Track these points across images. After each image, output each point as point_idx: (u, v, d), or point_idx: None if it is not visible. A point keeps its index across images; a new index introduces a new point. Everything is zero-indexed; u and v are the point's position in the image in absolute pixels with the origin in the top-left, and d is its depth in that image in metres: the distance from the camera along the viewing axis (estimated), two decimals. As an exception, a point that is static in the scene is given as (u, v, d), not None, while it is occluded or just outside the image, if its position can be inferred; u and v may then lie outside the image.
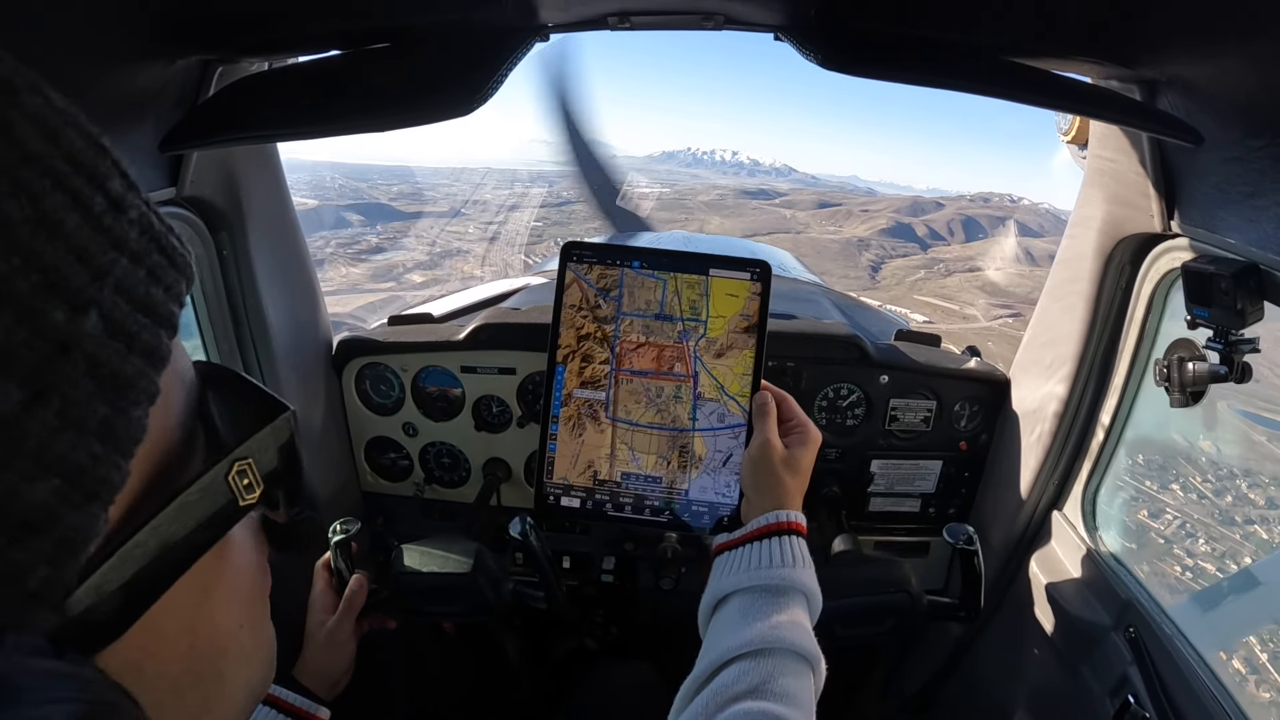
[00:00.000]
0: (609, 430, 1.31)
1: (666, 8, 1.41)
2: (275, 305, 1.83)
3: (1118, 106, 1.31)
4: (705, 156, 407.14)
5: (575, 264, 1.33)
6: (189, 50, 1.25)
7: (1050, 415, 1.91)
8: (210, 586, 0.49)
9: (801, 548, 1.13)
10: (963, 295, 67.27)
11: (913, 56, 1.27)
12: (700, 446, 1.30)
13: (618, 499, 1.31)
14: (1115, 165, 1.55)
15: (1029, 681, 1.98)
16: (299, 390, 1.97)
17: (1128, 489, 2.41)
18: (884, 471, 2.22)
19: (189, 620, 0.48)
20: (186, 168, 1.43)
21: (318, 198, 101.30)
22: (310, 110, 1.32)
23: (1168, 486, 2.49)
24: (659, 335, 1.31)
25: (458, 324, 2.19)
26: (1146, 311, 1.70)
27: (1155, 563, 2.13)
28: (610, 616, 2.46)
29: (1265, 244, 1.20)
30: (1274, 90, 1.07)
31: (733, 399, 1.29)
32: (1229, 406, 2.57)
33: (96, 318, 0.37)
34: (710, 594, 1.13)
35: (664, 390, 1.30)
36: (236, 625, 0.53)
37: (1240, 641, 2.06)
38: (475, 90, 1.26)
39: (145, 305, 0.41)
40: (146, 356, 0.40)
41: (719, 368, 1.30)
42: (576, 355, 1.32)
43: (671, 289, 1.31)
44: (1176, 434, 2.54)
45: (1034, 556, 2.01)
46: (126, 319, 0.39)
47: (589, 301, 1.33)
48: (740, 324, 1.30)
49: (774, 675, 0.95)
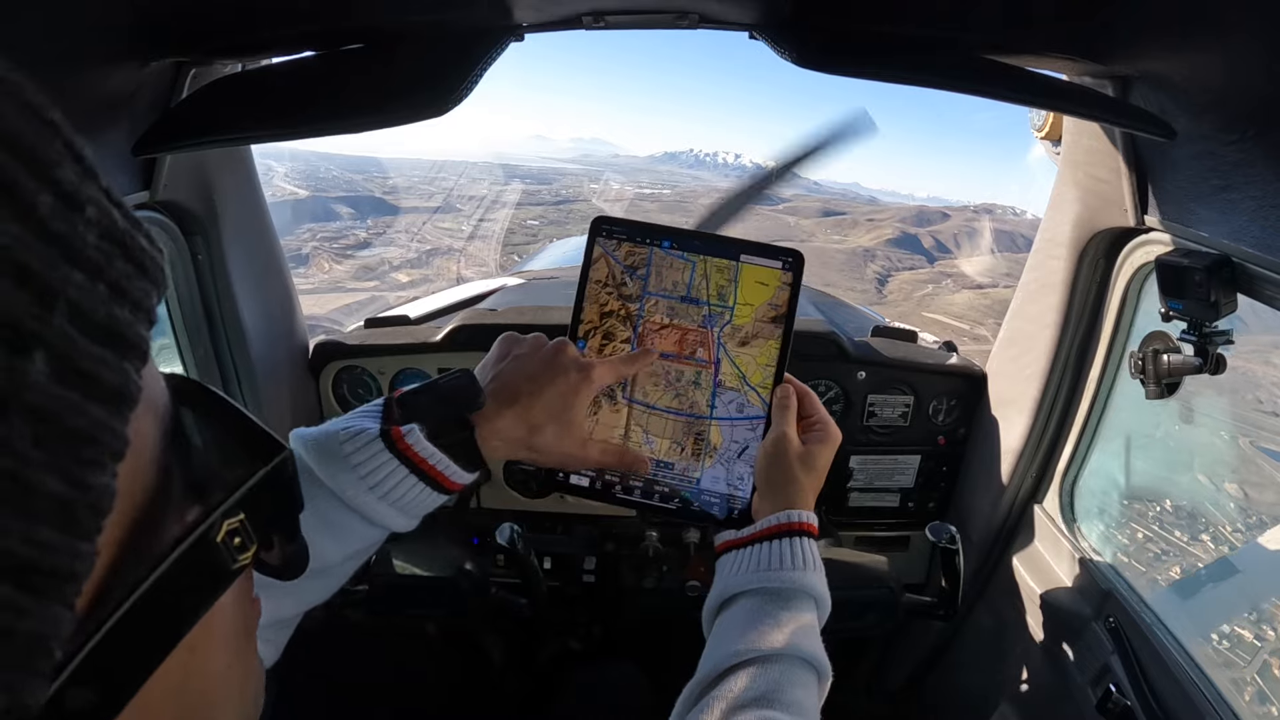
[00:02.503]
0: (624, 410, 1.26)
1: (640, 7, 1.41)
2: (251, 309, 1.81)
3: (1091, 102, 1.32)
4: (708, 158, 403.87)
5: (604, 239, 1.29)
6: (162, 52, 1.23)
7: (1027, 409, 1.93)
8: (197, 644, 0.41)
9: (813, 549, 1.09)
10: (972, 314, 66.82)
11: (888, 54, 1.27)
12: (716, 436, 1.26)
13: (627, 481, 1.26)
14: (1089, 160, 1.56)
15: (1012, 673, 2.00)
16: (275, 394, 1.95)
17: (1158, 542, 2.43)
18: (863, 467, 2.23)
19: (176, 682, 0.40)
20: (160, 171, 1.41)
21: (310, 188, 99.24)
22: (285, 112, 1.30)
23: (1198, 538, 2.50)
24: (683, 318, 1.27)
25: (435, 325, 2.18)
26: (1121, 305, 1.71)
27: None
28: (593, 617, 2.46)
29: (1238, 237, 1.22)
30: (1245, 85, 1.08)
31: (754, 389, 1.26)
32: (1251, 444, 2.59)
33: (42, 360, 0.27)
34: (716, 593, 1.10)
35: (684, 375, 1.26)
36: (225, 666, 0.45)
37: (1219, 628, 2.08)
38: (450, 91, 1.25)
39: (107, 333, 0.32)
40: (110, 401, 0.31)
41: (742, 356, 1.26)
42: (598, 332, 1.27)
43: (700, 272, 1.27)
44: (1203, 476, 2.55)
45: (1014, 549, 2.03)
46: (82, 357, 0.30)
47: (615, 278, 1.28)
48: (768, 313, 1.26)
49: (782, 684, 0.93)
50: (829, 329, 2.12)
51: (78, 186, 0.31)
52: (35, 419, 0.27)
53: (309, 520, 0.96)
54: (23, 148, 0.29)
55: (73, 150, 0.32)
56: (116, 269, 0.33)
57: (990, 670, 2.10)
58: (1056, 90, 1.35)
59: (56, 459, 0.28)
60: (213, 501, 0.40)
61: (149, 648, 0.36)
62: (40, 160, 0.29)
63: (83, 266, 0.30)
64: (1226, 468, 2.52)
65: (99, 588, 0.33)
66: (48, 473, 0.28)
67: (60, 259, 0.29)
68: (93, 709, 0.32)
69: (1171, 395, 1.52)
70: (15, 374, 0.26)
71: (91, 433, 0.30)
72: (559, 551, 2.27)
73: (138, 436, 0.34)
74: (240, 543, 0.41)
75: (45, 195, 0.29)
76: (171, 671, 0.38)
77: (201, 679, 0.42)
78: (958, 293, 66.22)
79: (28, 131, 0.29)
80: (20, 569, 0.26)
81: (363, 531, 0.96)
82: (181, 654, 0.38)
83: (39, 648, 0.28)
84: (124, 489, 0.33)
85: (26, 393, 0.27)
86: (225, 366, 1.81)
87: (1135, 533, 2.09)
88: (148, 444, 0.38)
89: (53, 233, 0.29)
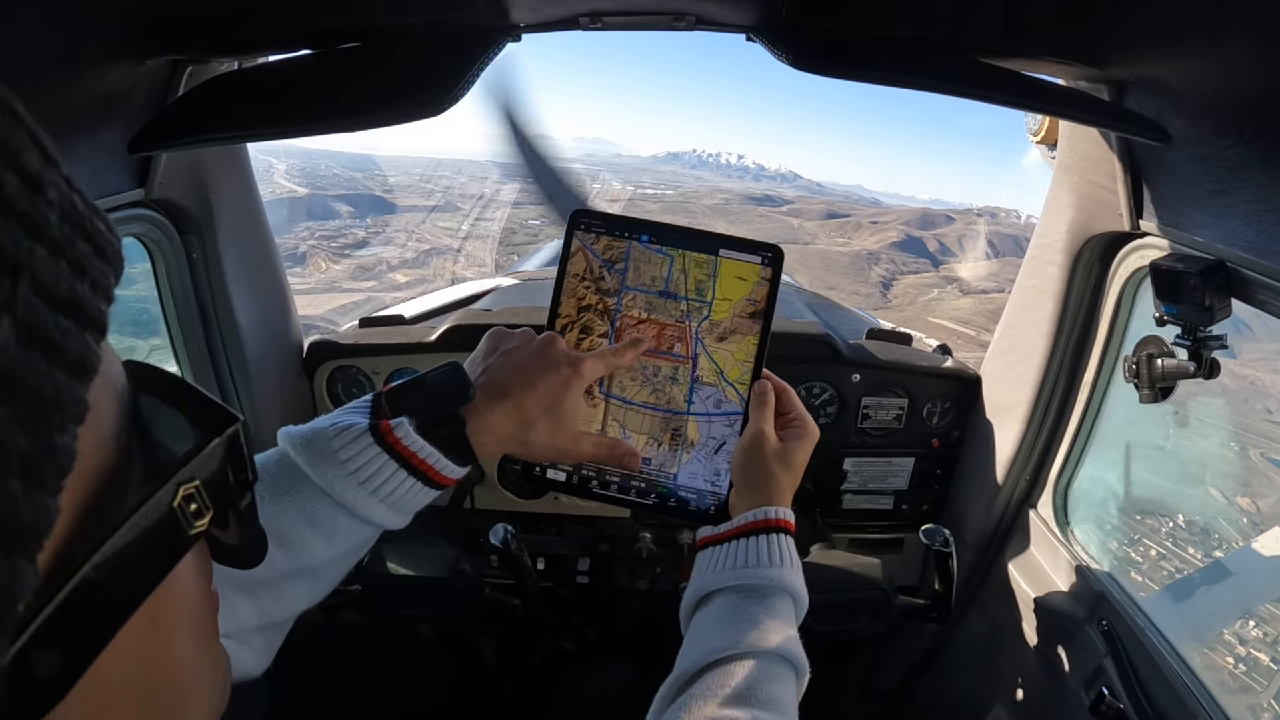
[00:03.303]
0: (601, 405, 1.25)
1: (637, 8, 1.41)
2: (245, 308, 1.81)
3: (1087, 106, 1.33)
4: (710, 159, 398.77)
5: (582, 233, 1.27)
6: (158, 50, 1.23)
7: (1021, 412, 1.93)
8: (158, 618, 0.42)
9: (789, 547, 1.09)
10: (978, 319, 66.25)
11: (884, 57, 1.28)
12: (693, 431, 1.25)
13: (604, 477, 1.25)
14: (1084, 165, 1.57)
15: (1005, 675, 2.00)
16: (269, 394, 1.95)
17: (1153, 546, 2.42)
18: (857, 469, 2.23)
19: (139, 659, 0.41)
20: (155, 169, 1.41)
21: (309, 185, 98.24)
22: (280, 111, 1.30)
23: (1195, 545, 2.49)
24: (661, 313, 1.26)
25: (429, 325, 2.18)
26: (1115, 309, 1.72)
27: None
28: (587, 618, 2.45)
29: (1233, 241, 1.22)
30: (1240, 90, 1.08)
31: (731, 385, 1.25)
32: (1262, 456, 2.58)
33: (8, 325, 0.29)
34: (693, 590, 1.10)
35: (661, 370, 1.25)
36: (191, 652, 0.46)
37: (1212, 631, 2.08)
38: (446, 91, 1.25)
39: (69, 305, 0.33)
40: (72, 369, 0.33)
41: (720, 352, 1.25)
42: (575, 326, 1.26)
43: (679, 266, 1.26)
44: (1210, 486, 2.54)
45: (1008, 552, 2.03)
46: (46, 324, 0.31)
47: (593, 272, 1.27)
48: (746, 309, 1.25)
49: (759, 681, 0.92)
50: (823, 331, 2.13)
51: (40, 171, 0.33)
52: (2, 380, 0.28)
53: (297, 518, 0.95)
54: None
55: (35, 139, 0.33)
56: (77, 249, 0.35)
57: (984, 672, 2.10)
58: (1052, 94, 1.36)
59: (22, 417, 0.29)
60: (169, 469, 0.41)
61: (109, 610, 0.37)
62: (5, 146, 0.31)
63: (45, 243, 0.32)
64: (1231, 477, 2.52)
65: (60, 551, 0.34)
66: (14, 429, 0.29)
67: (23, 234, 0.31)
68: (54, 674, 0.33)
69: (1166, 399, 1.53)
70: None
71: (55, 396, 0.31)
72: (553, 552, 2.27)
73: (96, 408, 0.36)
74: (196, 509, 0.42)
75: (10, 176, 0.31)
76: (133, 648, 0.39)
77: (168, 666, 0.43)
78: (963, 297, 65.58)
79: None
80: None
81: (351, 529, 0.95)
82: (142, 627, 0.39)
83: (4, 602, 0.28)
84: (84, 456, 0.34)
85: None
86: (219, 365, 1.81)
87: (1130, 537, 2.09)
88: (106, 419, 0.39)
89: (17, 210, 0.31)
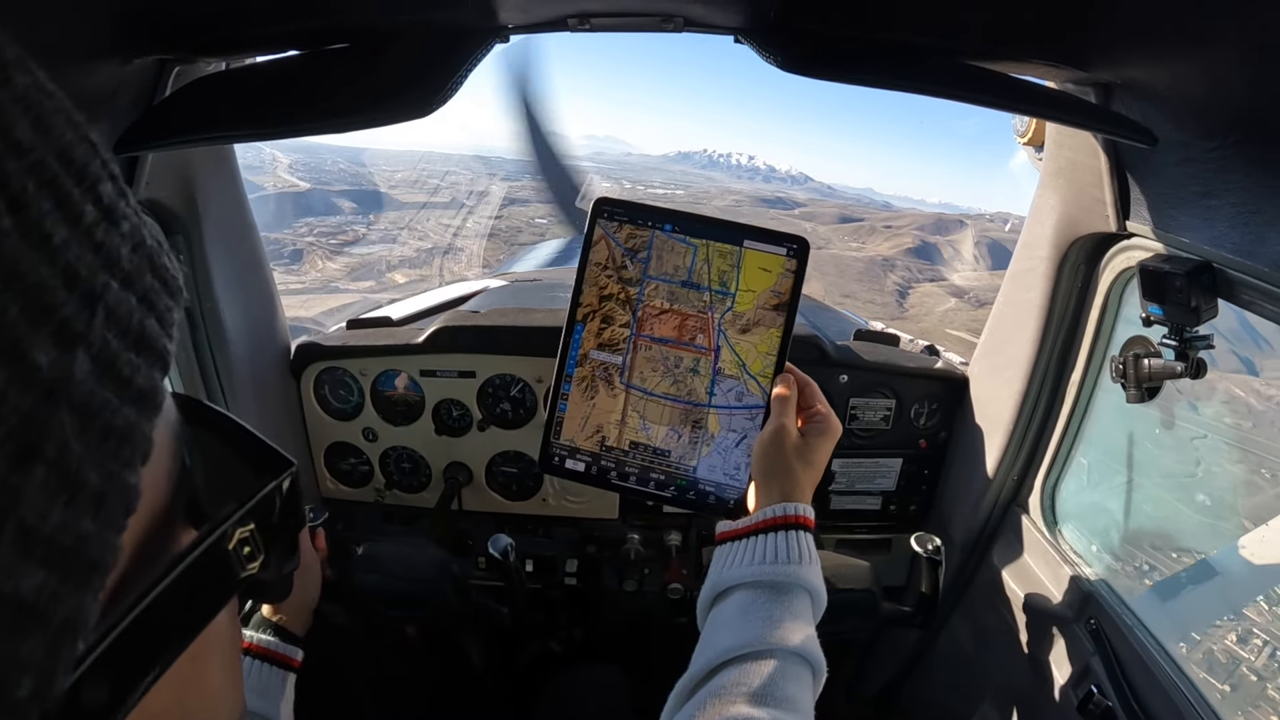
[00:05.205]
0: (622, 396, 1.26)
1: (626, 9, 1.41)
2: (232, 310, 1.80)
3: (1074, 109, 1.33)
4: (721, 159, 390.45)
5: (605, 221, 1.27)
6: (145, 49, 1.22)
7: (1008, 412, 1.94)
8: (198, 652, 0.41)
9: (810, 544, 1.08)
10: None
11: (872, 59, 1.28)
12: (714, 424, 1.24)
13: (623, 468, 1.26)
14: (1071, 167, 1.57)
15: (993, 675, 2.01)
16: (256, 395, 1.94)
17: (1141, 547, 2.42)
18: (845, 470, 2.23)
19: (177, 692, 0.40)
20: (142, 170, 1.40)
21: (312, 180, 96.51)
22: (268, 111, 1.30)
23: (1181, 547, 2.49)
24: (684, 303, 1.26)
25: (417, 327, 2.17)
26: (1102, 310, 1.73)
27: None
28: (574, 620, 2.45)
29: (1218, 242, 1.23)
30: (1226, 94, 1.09)
31: (753, 378, 1.24)
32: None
33: (85, 358, 0.29)
34: (711, 585, 1.08)
35: (683, 361, 1.25)
36: (220, 683, 0.46)
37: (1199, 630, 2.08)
38: (435, 91, 1.25)
39: (138, 340, 0.33)
40: (140, 404, 0.33)
41: (743, 344, 1.25)
42: (597, 315, 1.26)
43: (702, 256, 1.25)
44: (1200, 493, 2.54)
45: (995, 551, 2.04)
46: (118, 358, 0.31)
47: (615, 261, 1.27)
48: (770, 300, 1.25)
49: (777, 680, 0.91)
50: (811, 332, 2.13)
51: (115, 202, 0.33)
52: (78, 414, 0.28)
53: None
54: (75, 162, 0.31)
55: (109, 169, 0.34)
56: (146, 282, 0.35)
57: (972, 671, 2.11)
58: (1040, 97, 1.36)
59: (95, 453, 0.29)
60: (226, 511, 0.41)
61: (161, 647, 0.37)
62: (87, 174, 0.31)
63: (118, 276, 0.32)
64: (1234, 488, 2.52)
65: (114, 587, 0.34)
66: (88, 466, 0.29)
67: (101, 266, 0.31)
68: (102, 706, 0.33)
69: (1152, 399, 1.53)
70: (62, 368, 0.27)
71: (126, 432, 0.31)
72: (540, 554, 2.27)
73: (156, 445, 0.35)
74: (249, 552, 0.42)
75: (90, 206, 0.31)
76: (175, 679, 0.38)
77: (199, 694, 0.43)
78: (980, 308, 65.19)
79: (79, 148, 0.31)
80: (61, 556, 0.27)
81: None
82: (184, 663, 0.39)
83: (68, 634, 0.28)
84: (143, 492, 0.34)
85: (71, 387, 0.28)
86: (206, 367, 1.80)
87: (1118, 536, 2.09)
88: (164, 456, 0.39)
89: (95, 240, 0.31)
